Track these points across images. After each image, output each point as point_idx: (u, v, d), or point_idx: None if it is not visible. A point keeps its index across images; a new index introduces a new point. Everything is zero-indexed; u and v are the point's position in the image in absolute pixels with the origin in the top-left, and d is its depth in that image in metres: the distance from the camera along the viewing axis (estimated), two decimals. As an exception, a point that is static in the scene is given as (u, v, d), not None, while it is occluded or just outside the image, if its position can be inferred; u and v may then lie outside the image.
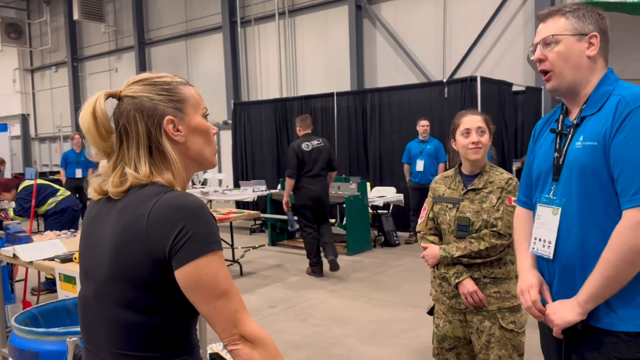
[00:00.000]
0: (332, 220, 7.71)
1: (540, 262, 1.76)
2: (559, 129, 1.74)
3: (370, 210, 7.78)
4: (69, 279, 3.43)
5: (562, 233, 1.64)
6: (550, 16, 1.70)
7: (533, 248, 1.75)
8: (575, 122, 1.68)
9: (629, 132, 1.50)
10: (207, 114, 1.39)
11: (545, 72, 1.69)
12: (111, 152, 1.31)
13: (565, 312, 1.58)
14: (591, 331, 1.58)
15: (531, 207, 1.86)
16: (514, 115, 8.97)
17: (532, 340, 2.41)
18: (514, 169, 8.13)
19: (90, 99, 1.31)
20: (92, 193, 1.34)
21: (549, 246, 1.68)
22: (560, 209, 1.64)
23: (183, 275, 1.16)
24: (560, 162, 1.68)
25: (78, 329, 2.11)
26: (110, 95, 1.33)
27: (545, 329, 1.73)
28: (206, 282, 1.16)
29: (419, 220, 2.65)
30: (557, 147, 1.72)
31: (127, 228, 1.19)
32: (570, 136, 1.68)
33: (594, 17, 1.67)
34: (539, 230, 1.72)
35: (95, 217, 1.32)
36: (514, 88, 9.05)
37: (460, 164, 2.58)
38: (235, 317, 1.18)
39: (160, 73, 1.35)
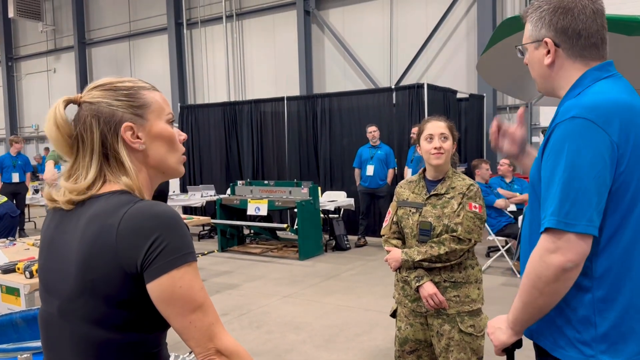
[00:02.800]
0: (284, 225, 7.69)
1: None
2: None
3: (321, 215, 7.81)
4: (11, 291, 3.26)
5: (522, 246, 1.57)
6: (524, 19, 1.57)
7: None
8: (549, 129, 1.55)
9: (550, 150, 1.37)
10: (173, 120, 1.34)
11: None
12: None
13: (500, 333, 1.53)
14: (537, 350, 1.51)
15: None
16: (458, 121, 9.25)
17: (488, 343, 2.46)
18: (459, 171, 8.40)
19: (52, 107, 1.25)
20: (46, 202, 1.27)
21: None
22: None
23: (157, 288, 1.11)
24: None
25: (29, 344, 2.01)
26: (70, 102, 1.27)
27: None
28: (181, 295, 1.12)
29: (384, 224, 2.68)
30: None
31: (96, 239, 1.13)
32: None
33: (547, 18, 1.46)
34: None
35: (57, 228, 1.24)
36: (458, 95, 9.34)
37: (425, 169, 2.63)
38: (211, 331, 1.14)
39: (123, 78, 1.30)
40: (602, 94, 1.39)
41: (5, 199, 6.00)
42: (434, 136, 2.52)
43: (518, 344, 1.53)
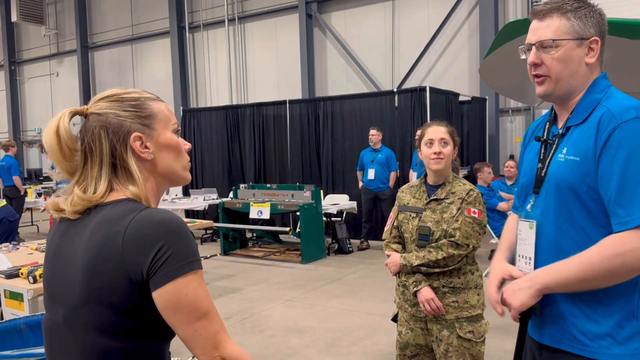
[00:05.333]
0: (287, 229, 7.68)
1: None
2: (545, 137, 1.60)
3: (324, 218, 7.81)
4: (15, 296, 3.26)
5: (540, 248, 1.54)
6: (549, 14, 1.50)
7: (518, 266, 1.63)
8: (561, 131, 1.55)
9: (617, 150, 1.38)
10: (179, 130, 1.36)
11: (537, 75, 1.52)
12: (74, 172, 1.27)
13: (521, 294, 1.47)
14: (565, 357, 1.49)
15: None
16: (460, 124, 9.25)
17: (492, 347, 2.46)
18: (460, 176, 8.40)
19: (55, 117, 1.26)
20: (52, 212, 1.29)
21: (529, 262, 1.57)
22: (535, 222, 1.54)
23: (162, 296, 1.12)
24: (542, 174, 1.55)
25: (33, 351, 2.01)
26: (76, 113, 1.28)
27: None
28: (187, 302, 1.12)
29: (385, 228, 2.69)
30: (541, 157, 1.58)
31: (102, 247, 1.14)
32: (554, 146, 1.55)
33: (596, 18, 1.49)
34: (521, 246, 1.61)
35: (62, 237, 1.26)
36: (460, 98, 9.34)
37: (426, 174, 2.63)
38: (216, 339, 1.15)
39: (128, 89, 1.32)
40: (631, 98, 1.45)
41: (4, 202, 6.03)
42: (434, 141, 2.52)
43: (533, 310, 1.49)
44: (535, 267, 1.55)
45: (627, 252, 1.34)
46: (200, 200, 8.94)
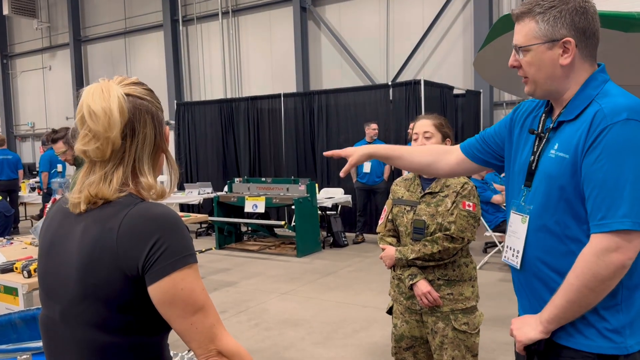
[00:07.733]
0: (282, 222, 7.68)
1: (512, 272, 1.67)
2: (539, 130, 1.58)
3: (319, 212, 7.82)
4: (9, 290, 3.25)
5: (528, 243, 1.56)
6: (521, 17, 1.50)
7: (505, 257, 1.67)
8: (552, 125, 1.54)
9: (601, 151, 1.37)
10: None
11: (522, 75, 1.54)
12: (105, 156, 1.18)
13: (528, 329, 1.51)
14: (553, 347, 1.51)
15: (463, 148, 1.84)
16: (455, 117, 9.26)
17: (486, 339, 2.47)
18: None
19: (107, 90, 1.17)
20: (81, 204, 1.19)
21: (517, 255, 1.59)
22: (528, 217, 1.55)
23: (158, 290, 1.12)
24: (534, 168, 1.55)
25: (28, 345, 2.01)
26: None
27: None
28: (182, 297, 1.12)
29: (380, 222, 2.70)
30: (535, 149, 1.57)
31: (96, 243, 1.14)
32: (545, 140, 1.54)
33: (570, 17, 1.45)
34: (510, 238, 1.63)
35: (57, 232, 1.24)
36: (455, 91, 9.34)
37: None
38: (212, 333, 1.15)
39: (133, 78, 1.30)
40: (628, 96, 1.43)
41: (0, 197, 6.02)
42: (419, 135, 2.53)
43: (540, 345, 1.51)
44: (522, 261, 1.58)
45: (594, 264, 1.36)
46: (195, 194, 8.93)
